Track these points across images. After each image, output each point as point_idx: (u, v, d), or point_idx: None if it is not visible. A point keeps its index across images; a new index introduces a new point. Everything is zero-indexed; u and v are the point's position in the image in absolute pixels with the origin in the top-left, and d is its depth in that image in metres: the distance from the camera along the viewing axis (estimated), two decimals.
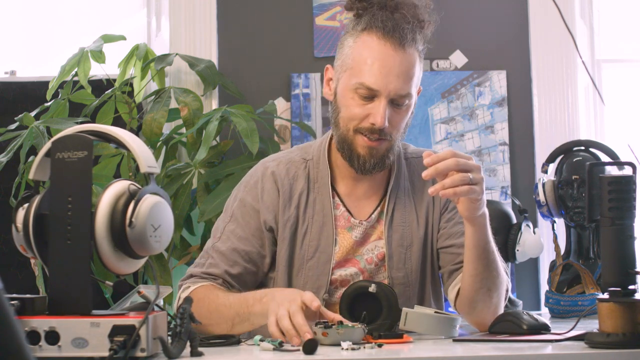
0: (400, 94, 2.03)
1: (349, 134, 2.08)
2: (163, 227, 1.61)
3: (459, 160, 1.87)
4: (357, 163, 2.09)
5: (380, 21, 2.04)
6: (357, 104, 2.05)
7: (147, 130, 2.92)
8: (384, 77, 2.02)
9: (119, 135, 1.65)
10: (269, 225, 2.12)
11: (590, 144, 2.83)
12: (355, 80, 2.04)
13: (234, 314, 1.98)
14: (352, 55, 2.07)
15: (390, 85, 2.02)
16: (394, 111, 2.05)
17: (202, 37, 3.26)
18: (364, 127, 2.05)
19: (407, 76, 2.04)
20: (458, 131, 3.30)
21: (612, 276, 1.69)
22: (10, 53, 3.44)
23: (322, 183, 2.14)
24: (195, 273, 2.11)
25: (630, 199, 1.69)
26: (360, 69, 2.04)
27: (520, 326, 1.89)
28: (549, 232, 2.95)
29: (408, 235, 2.13)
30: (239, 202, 2.15)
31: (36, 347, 1.53)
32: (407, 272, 2.11)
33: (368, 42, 2.05)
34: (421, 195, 2.17)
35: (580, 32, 3.32)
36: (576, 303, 2.63)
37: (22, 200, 1.64)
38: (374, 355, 1.69)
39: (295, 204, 2.13)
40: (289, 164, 2.17)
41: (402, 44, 2.03)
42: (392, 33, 2.03)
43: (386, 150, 2.08)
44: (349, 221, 2.13)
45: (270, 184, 2.14)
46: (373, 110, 2.03)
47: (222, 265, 2.09)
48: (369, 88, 2.03)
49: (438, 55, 3.33)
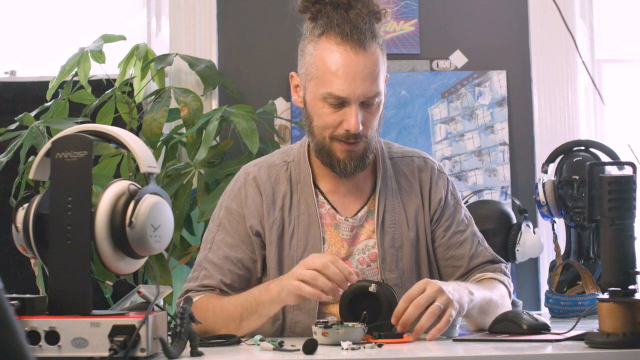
0: (369, 95, 2.02)
1: (326, 141, 2.07)
2: (163, 227, 1.61)
3: (415, 302, 1.84)
4: (338, 168, 2.09)
5: (336, 24, 2.02)
6: (329, 112, 2.04)
7: (147, 130, 2.92)
8: (350, 83, 2.00)
9: (119, 135, 1.65)
10: (255, 230, 2.12)
11: (590, 144, 2.83)
12: (322, 90, 2.03)
13: (241, 310, 1.98)
14: (314, 63, 2.05)
15: (357, 90, 2.01)
16: (366, 112, 2.04)
17: (202, 37, 3.26)
18: (339, 134, 2.05)
19: (372, 76, 2.02)
20: (458, 131, 3.30)
21: (612, 276, 1.69)
22: (10, 53, 3.44)
23: (305, 183, 2.14)
24: (191, 288, 2.11)
25: (630, 199, 1.69)
26: (325, 78, 2.02)
27: (520, 326, 1.89)
28: (549, 232, 2.95)
29: (399, 237, 2.13)
30: (224, 211, 2.15)
31: (36, 347, 1.53)
32: (400, 273, 2.11)
33: (328, 48, 2.03)
34: (408, 196, 2.17)
35: (580, 32, 3.33)
36: (576, 303, 2.63)
37: (22, 200, 1.64)
38: (374, 355, 1.69)
39: (279, 207, 2.13)
40: (270, 168, 2.17)
41: (362, 45, 2.01)
42: (351, 35, 2.01)
43: (364, 149, 2.08)
44: (335, 218, 2.13)
45: (253, 188, 2.14)
46: (345, 116, 2.02)
47: (216, 275, 2.09)
48: (337, 97, 2.01)
49: (438, 55, 3.33)
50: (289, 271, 1.95)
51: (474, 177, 3.29)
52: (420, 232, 2.15)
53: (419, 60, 3.32)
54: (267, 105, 3.09)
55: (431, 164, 2.22)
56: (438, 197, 2.17)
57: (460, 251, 2.16)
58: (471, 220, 2.23)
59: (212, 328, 1.98)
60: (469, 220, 2.22)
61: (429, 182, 2.19)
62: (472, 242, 2.17)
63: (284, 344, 1.74)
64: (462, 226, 2.18)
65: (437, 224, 2.17)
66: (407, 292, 1.88)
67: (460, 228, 2.18)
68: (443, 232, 2.16)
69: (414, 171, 2.20)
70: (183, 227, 2.96)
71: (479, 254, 2.17)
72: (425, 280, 1.90)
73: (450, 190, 2.21)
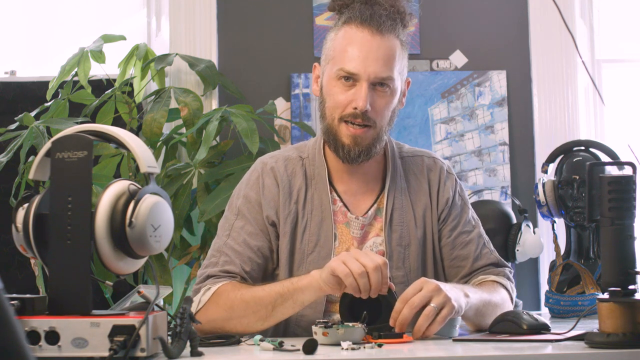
0: (381, 76, 2.06)
1: (334, 123, 2.10)
2: (163, 227, 1.61)
3: (410, 303, 1.85)
4: (342, 152, 2.11)
5: (359, 12, 2.09)
6: (340, 91, 2.08)
7: (147, 130, 2.92)
8: (362, 60, 2.05)
9: (119, 135, 1.65)
10: (272, 220, 2.13)
11: (590, 144, 2.83)
12: (336, 68, 2.08)
13: (275, 296, 1.96)
14: (333, 46, 2.12)
15: (369, 68, 2.05)
16: (376, 95, 2.07)
17: (202, 37, 3.26)
18: (348, 113, 2.08)
19: (386, 59, 2.07)
20: (458, 131, 3.30)
21: (612, 276, 1.69)
22: (10, 53, 3.44)
23: (320, 179, 2.16)
24: (212, 273, 2.08)
25: (630, 199, 1.69)
26: (340, 57, 2.08)
27: (520, 326, 1.89)
28: (549, 232, 2.95)
29: (406, 235, 2.15)
30: (243, 199, 2.16)
31: (36, 347, 1.53)
32: (406, 271, 2.13)
33: (347, 31, 2.10)
34: (417, 195, 2.19)
35: (580, 32, 3.33)
36: (576, 303, 2.63)
37: (22, 200, 1.64)
38: (374, 355, 1.69)
39: (294, 199, 2.15)
40: (287, 161, 2.19)
41: (379, 29, 2.07)
42: (370, 21, 2.07)
43: (372, 138, 2.10)
44: (346, 216, 2.15)
45: (270, 179, 2.16)
46: (355, 95, 2.06)
47: (237, 262, 2.08)
48: (348, 72, 2.06)
49: (438, 55, 3.33)
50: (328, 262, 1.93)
51: (474, 177, 3.29)
52: (428, 231, 2.17)
53: (419, 60, 3.32)
54: (267, 105, 3.09)
55: (440, 165, 2.24)
56: (445, 197, 2.19)
57: (465, 252, 2.17)
58: (478, 223, 2.24)
59: (239, 315, 1.97)
60: (476, 222, 2.23)
61: (438, 181, 2.21)
62: (478, 244, 2.19)
63: (284, 344, 1.74)
64: (468, 227, 2.20)
65: (443, 223, 2.19)
66: (404, 292, 1.89)
67: (467, 229, 2.19)
68: (449, 232, 2.18)
69: (424, 170, 2.22)
70: (183, 227, 2.96)
71: (483, 256, 2.18)
72: (422, 279, 1.91)
73: (458, 191, 2.23)
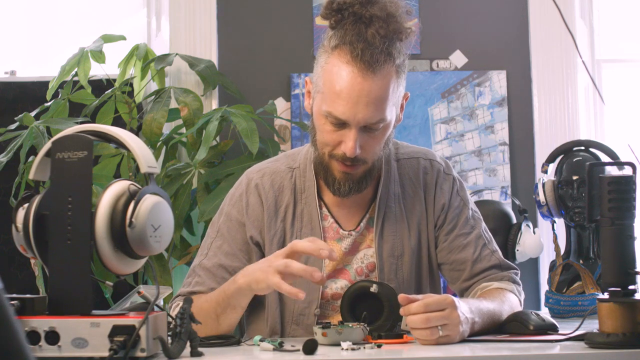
0: (371, 121, 1.95)
1: (325, 158, 2.03)
2: (163, 227, 1.61)
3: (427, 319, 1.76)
4: (332, 187, 2.04)
5: (350, 42, 1.93)
6: (330, 130, 1.98)
7: (147, 130, 2.92)
8: (352, 107, 1.93)
9: (119, 135, 1.65)
10: (256, 240, 2.08)
11: (590, 144, 2.83)
12: (325, 108, 1.96)
13: (214, 306, 1.95)
14: (323, 77, 1.98)
15: (358, 115, 1.93)
16: (368, 137, 1.98)
17: (202, 37, 3.26)
18: (337, 154, 2.00)
19: (377, 103, 1.94)
20: (458, 131, 3.30)
21: (612, 276, 1.69)
22: (10, 53, 3.44)
23: (309, 193, 2.10)
24: (182, 293, 2.08)
25: (630, 199, 1.69)
26: (329, 97, 1.96)
27: (526, 326, 1.88)
28: (549, 232, 2.95)
29: (399, 245, 2.09)
30: (224, 217, 2.12)
31: (36, 347, 1.53)
32: (399, 282, 2.07)
33: (337, 65, 1.94)
34: (412, 202, 2.12)
35: (580, 32, 3.33)
36: (576, 303, 2.62)
37: (22, 200, 1.64)
38: (374, 355, 1.69)
39: (281, 217, 2.09)
40: (274, 175, 2.12)
41: (371, 67, 1.91)
42: (362, 56, 1.91)
43: (363, 173, 2.03)
44: (338, 233, 2.09)
45: (255, 197, 2.10)
46: (344, 138, 1.97)
47: (208, 282, 2.05)
48: (337, 118, 1.95)
49: (438, 55, 3.33)
50: None
51: (474, 177, 3.29)
52: (423, 239, 2.12)
53: (419, 60, 3.32)
54: (267, 105, 3.09)
55: (437, 166, 2.16)
56: (441, 202, 2.12)
57: (463, 255, 2.11)
58: (479, 222, 2.16)
59: (198, 328, 1.96)
60: (476, 222, 2.15)
61: (434, 185, 2.14)
62: (476, 246, 2.12)
63: (284, 344, 1.74)
64: (466, 229, 2.13)
65: (440, 228, 2.12)
66: (429, 296, 1.80)
67: (464, 231, 2.12)
68: (445, 236, 2.12)
69: (419, 174, 2.14)
70: (183, 227, 2.96)
71: (483, 258, 2.11)
72: (453, 300, 1.80)
73: (456, 191, 2.15)
